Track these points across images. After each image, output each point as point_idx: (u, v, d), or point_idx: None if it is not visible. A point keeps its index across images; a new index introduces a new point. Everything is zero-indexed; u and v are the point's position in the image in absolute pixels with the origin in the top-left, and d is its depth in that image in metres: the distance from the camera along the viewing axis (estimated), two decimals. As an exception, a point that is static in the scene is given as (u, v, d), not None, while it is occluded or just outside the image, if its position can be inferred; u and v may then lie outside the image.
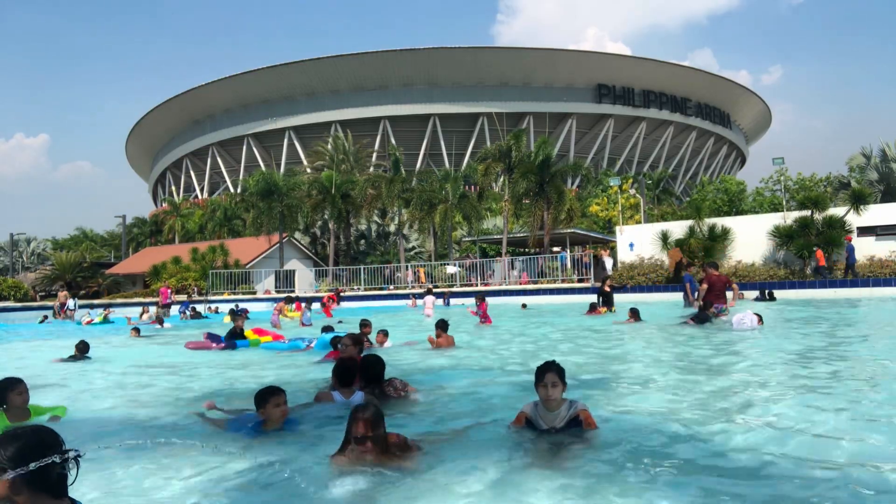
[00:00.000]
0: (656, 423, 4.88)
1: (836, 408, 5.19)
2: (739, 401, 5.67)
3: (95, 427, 5.53)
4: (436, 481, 3.60)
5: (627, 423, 4.87)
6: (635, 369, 7.96)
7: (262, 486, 3.70)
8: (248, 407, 5.23)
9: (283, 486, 3.67)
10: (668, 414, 5.21)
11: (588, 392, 6.32)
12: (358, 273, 37.35)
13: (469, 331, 14.14)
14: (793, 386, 6.41)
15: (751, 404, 5.51)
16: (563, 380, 4.26)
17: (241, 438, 4.75)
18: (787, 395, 5.91)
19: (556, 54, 69.93)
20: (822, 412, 5.05)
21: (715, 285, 13.81)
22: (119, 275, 49.59)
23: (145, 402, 6.77)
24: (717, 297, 13.70)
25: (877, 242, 24.22)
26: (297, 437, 4.72)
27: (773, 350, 9.16)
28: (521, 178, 33.39)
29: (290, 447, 4.46)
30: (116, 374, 9.07)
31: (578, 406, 4.30)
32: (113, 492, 3.68)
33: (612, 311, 18.00)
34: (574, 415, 4.24)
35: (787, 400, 5.65)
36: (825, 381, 6.60)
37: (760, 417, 4.98)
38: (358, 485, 3.52)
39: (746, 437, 4.37)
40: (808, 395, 5.87)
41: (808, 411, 5.11)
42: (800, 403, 5.45)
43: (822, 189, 43.47)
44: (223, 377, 8.65)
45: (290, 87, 70.13)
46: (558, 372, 4.24)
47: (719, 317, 13.27)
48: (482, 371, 8.15)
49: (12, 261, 67.86)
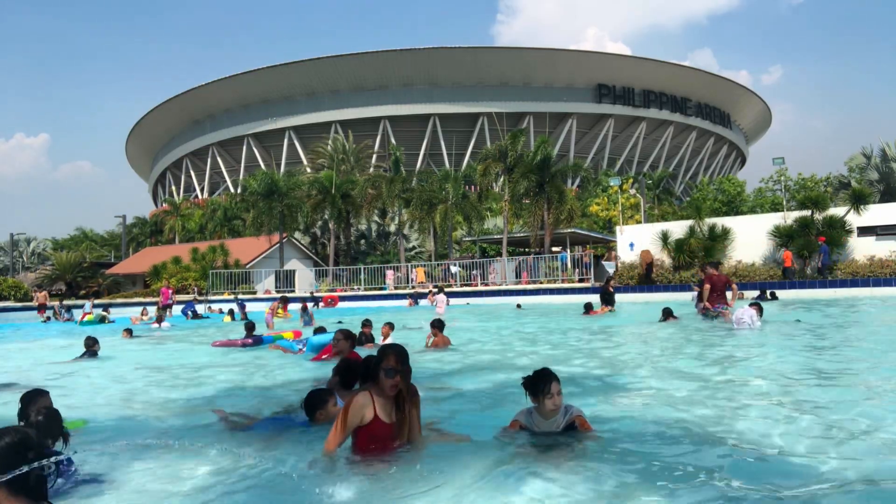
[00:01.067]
0: (658, 423, 4.88)
1: (836, 408, 5.19)
2: (740, 400, 5.67)
3: (105, 429, 5.52)
4: (432, 480, 3.60)
5: (631, 424, 4.87)
6: (637, 370, 7.95)
7: (259, 486, 3.70)
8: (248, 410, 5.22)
9: (282, 486, 3.66)
10: (670, 414, 5.20)
11: (589, 391, 6.31)
12: (357, 273, 37.37)
13: (464, 329, 14.14)
14: (792, 386, 6.40)
15: (750, 403, 5.51)
16: (559, 386, 4.22)
17: (249, 440, 4.74)
18: (787, 395, 5.90)
19: (556, 54, 69.93)
20: (822, 412, 5.04)
21: (716, 285, 13.79)
22: (119, 275, 49.60)
23: (147, 402, 6.77)
24: (718, 297, 13.69)
25: (877, 242, 24.21)
26: (298, 436, 4.72)
27: (772, 350, 9.15)
28: (520, 177, 33.39)
29: (289, 447, 4.47)
30: (125, 374, 9.06)
31: (574, 412, 4.25)
32: (119, 492, 3.68)
33: (612, 310, 18.17)
34: (570, 421, 4.20)
35: (787, 400, 5.64)
36: (826, 381, 6.60)
37: (760, 417, 4.97)
38: (357, 484, 3.52)
39: (751, 438, 4.37)
40: (806, 395, 5.86)
41: (807, 411, 5.10)
42: (798, 403, 5.45)
43: (822, 189, 43.47)
44: (223, 377, 8.64)
45: (290, 87, 70.13)
46: (558, 380, 4.19)
47: (722, 316, 13.27)
48: (481, 371, 8.14)
49: (12, 261, 67.89)
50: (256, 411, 5.91)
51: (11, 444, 2.17)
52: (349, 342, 6.92)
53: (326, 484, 3.54)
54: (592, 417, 4.56)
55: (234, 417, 5.60)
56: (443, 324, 11.03)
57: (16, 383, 8.03)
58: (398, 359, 3.85)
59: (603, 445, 4.15)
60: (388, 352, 3.90)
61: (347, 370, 5.76)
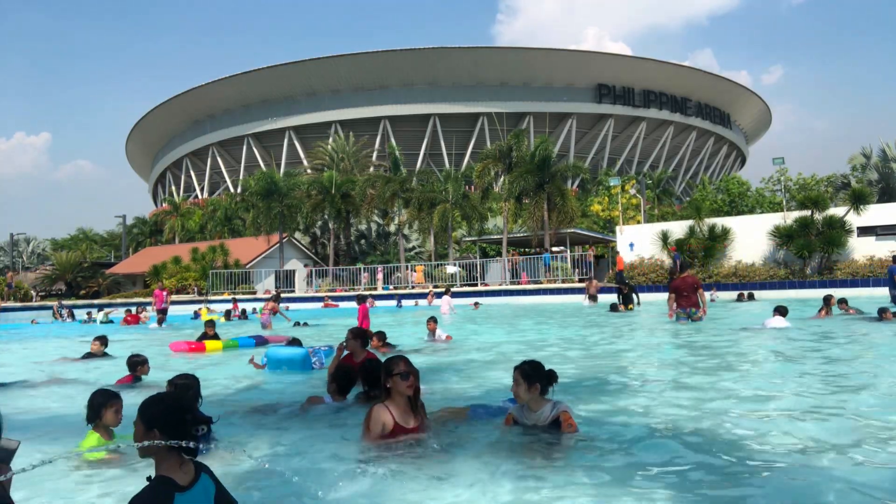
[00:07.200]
0: (659, 423, 4.88)
1: (836, 408, 5.19)
2: (739, 400, 5.67)
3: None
4: (432, 475, 3.60)
5: (638, 424, 4.87)
6: (645, 369, 7.95)
7: (257, 487, 3.70)
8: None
9: (280, 485, 3.66)
10: (671, 414, 5.20)
11: (588, 390, 6.32)
12: (357, 273, 37.37)
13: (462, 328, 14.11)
14: (791, 385, 6.40)
15: (746, 403, 5.51)
16: (529, 379, 4.25)
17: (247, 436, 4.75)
18: (786, 394, 5.91)
19: (556, 54, 69.86)
20: (820, 412, 5.04)
21: (680, 289, 13.62)
22: (119, 275, 49.59)
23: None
24: (685, 301, 13.49)
25: (877, 242, 24.21)
26: (293, 436, 4.73)
27: (772, 350, 9.16)
28: (520, 177, 33.38)
29: (287, 447, 4.47)
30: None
31: (560, 407, 4.27)
32: (120, 489, 3.68)
33: (631, 308, 18.56)
34: (556, 416, 4.24)
35: (786, 399, 5.65)
36: (829, 381, 6.60)
37: (761, 417, 4.97)
38: (355, 482, 3.54)
39: (753, 438, 4.37)
40: (806, 395, 5.86)
41: (806, 411, 5.10)
42: (798, 403, 5.45)
43: (822, 189, 43.47)
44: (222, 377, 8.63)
45: (290, 87, 70.09)
46: (522, 370, 4.29)
47: (691, 319, 13.20)
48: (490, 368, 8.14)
49: (12, 261, 67.88)
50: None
51: (171, 407, 2.54)
52: (358, 341, 6.74)
53: (323, 482, 3.55)
54: (574, 419, 4.56)
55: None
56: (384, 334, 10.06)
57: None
58: (407, 362, 4.30)
59: (592, 445, 4.18)
60: (395, 360, 4.34)
61: (343, 377, 5.75)
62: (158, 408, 2.52)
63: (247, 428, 5.15)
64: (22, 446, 2.47)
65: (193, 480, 2.47)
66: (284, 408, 5.80)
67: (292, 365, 8.33)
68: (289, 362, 8.35)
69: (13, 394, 7.50)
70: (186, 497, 2.41)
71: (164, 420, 2.47)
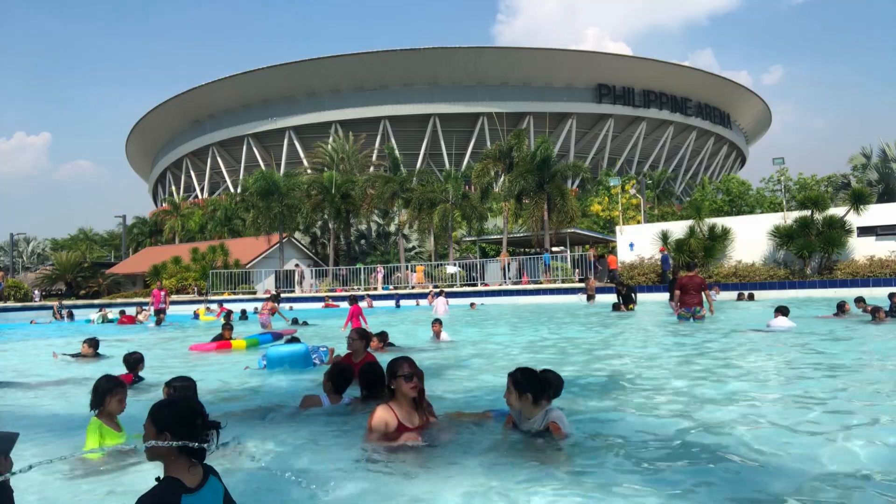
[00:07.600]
0: (659, 423, 4.88)
1: (838, 409, 5.19)
2: (739, 400, 5.67)
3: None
4: (434, 472, 3.60)
5: (637, 424, 4.87)
6: (647, 368, 7.95)
7: (257, 487, 3.70)
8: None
9: (280, 485, 3.66)
10: (672, 413, 5.20)
11: (592, 390, 6.32)
12: (358, 273, 37.34)
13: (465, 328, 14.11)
14: (790, 386, 6.40)
15: (746, 403, 5.51)
16: (520, 388, 4.22)
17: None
18: (786, 395, 5.90)
19: (556, 54, 69.84)
20: (821, 413, 5.04)
21: (687, 287, 13.65)
22: (119, 275, 49.59)
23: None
24: (691, 299, 13.52)
25: (877, 242, 24.20)
26: (293, 437, 4.73)
27: (772, 351, 9.15)
28: (520, 177, 33.36)
29: (287, 448, 4.47)
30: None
31: (550, 417, 4.23)
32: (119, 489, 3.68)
33: (631, 308, 18.60)
34: (545, 425, 4.22)
35: (786, 399, 5.64)
36: (832, 381, 6.60)
37: (761, 418, 4.97)
38: (355, 482, 3.55)
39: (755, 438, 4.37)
40: (807, 397, 5.86)
41: (806, 411, 5.10)
42: (798, 404, 5.44)
43: (822, 189, 43.45)
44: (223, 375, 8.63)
45: (290, 87, 70.06)
46: (514, 378, 4.26)
47: (695, 318, 13.23)
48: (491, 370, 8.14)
49: (12, 261, 67.87)
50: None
51: (183, 412, 2.55)
52: (363, 342, 6.75)
53: (320, 482, 3.56)
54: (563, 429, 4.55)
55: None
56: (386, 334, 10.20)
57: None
58: (411, 363, 4.32)
59: (592, 445, 4.19)
60: (399, 361, 4.36)
61: (340, 375, 5.74)
62: (171, 410, 2.56)
63: (246, 428, 5.14)
64: (22, 446, 2.47)
65: (202, 483, 2.51)
66: (284, 408, 5.79)
67: (293, 362, 8.32)
68: (290, 359, 8.32)
69: (14, 394, 7.50)
70: (194, 498, 2.44)
71: (175, 423, 2.50)
